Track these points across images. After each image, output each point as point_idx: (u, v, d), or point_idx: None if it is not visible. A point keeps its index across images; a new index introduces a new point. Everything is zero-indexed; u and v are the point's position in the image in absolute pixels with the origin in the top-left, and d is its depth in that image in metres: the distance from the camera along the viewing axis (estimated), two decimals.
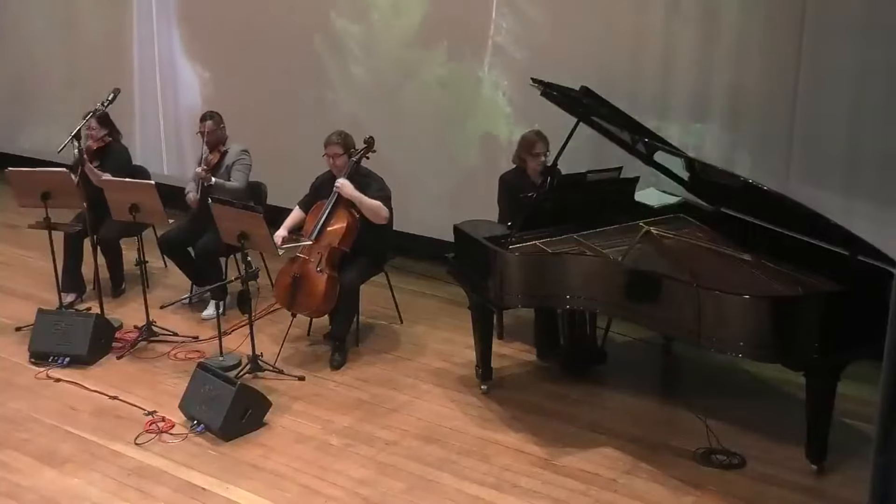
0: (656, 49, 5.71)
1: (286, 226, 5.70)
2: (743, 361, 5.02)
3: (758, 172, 5.25)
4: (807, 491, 4.20)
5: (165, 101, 8.18)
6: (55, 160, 6.30)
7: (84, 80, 8.46)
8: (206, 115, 6.16)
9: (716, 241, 4.83)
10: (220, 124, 6.15)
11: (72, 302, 6.31)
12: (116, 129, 6.40)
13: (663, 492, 4.23)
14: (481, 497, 4.24)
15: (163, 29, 8.02)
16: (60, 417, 4.99)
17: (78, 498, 4.31)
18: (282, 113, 7.41)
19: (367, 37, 6.91)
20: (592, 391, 5.15)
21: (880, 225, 4.84)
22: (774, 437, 4.58)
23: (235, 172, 6.06)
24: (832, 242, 4.32)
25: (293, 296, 5.49)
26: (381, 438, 4.74)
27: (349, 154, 5.58)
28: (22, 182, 5.88)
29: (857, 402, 4.60)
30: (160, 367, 5.53)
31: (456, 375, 5.37)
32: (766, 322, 4.07)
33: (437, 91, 6.67)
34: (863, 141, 5.11)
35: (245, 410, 4.78)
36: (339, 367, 5.48)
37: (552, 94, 5.07)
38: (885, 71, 4.95)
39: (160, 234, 6.32)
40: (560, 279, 4.59)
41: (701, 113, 5.63)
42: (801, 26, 5.18)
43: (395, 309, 6.09)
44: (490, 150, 6.48)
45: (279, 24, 7.31)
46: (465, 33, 6.45)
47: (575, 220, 5.01)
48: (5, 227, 7.93)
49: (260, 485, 4.36)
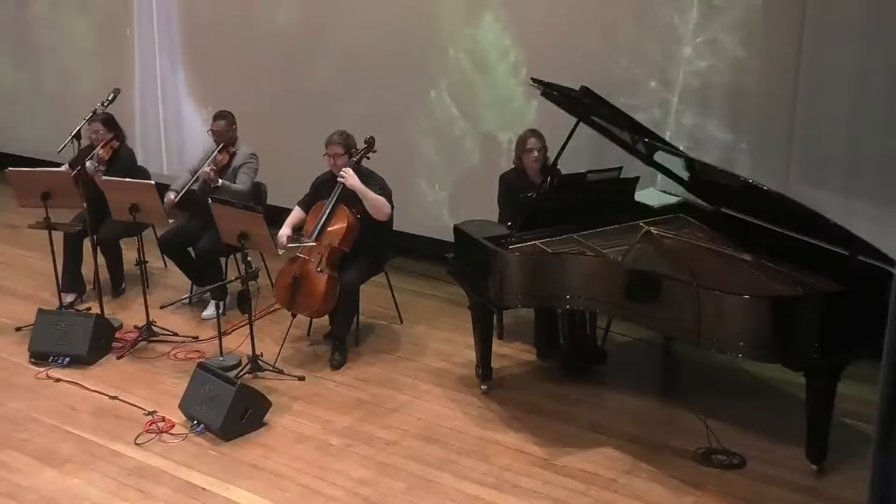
0: (656, 49, 5.71)
1: (289, 224, 5.68)
2: (743, 361, 5.02)
3: (758, 172, 5.26)
4: (807, 491, 4.20)
5: (166, 101, 8.18)
6: (55, 160, 6.30)
7: (85, 79, 8.47)
8: (218, 115, 6.15)
9: (716, 241, 4.83)
10: (233, 125, 6.14)
11: (72, 302, 6.31)
12: (121, 130, 6.40)
13: (663, 492, 4.23)
14: (481, 497, 4.24)
15: (163, 28, 8.02)
16: (60, 417, 4.99)
17: (78, 498, 4.31)
18: (282, 113, 7.41)
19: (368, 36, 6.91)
20: (592, 391, 5.15)
21: (880, 225, 4.84)
22: (774, 437, 4.58)
23: (242, 175, 6.06)
24: (832, 242, 4.32)
25: (293, 296, 5.49)
26: (381, 438, 4.74)
27: (350, 154, 5.58)
28: (22, 182, 5.88)
29: (857, 402, 4.60)
30: (160, 367, 5.53)
31: (456, 375, 5.37)
32: (766, 322, 4.07)
33: (438, 90, 6.67)
34: (863, 141, 5.10)
35: (245, 410, 4.78)
36: (339, 366, 5.48)
37: (552, 94, 5.07)
38: (885, 71, 4.95)
39: (160, 234, 6.32)
40: (560, 279, 4.59)
41: (701, 113, 5.63)
42: (801, 26, 5.17)
43: (395, 309, 6.09)
44: (490, 150, 6.49)
45: (280, 24, 7.32)
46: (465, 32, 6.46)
47: (575, 220, 5.01)
48: (5, 227, 7.94)
49: (260, 485, 4.37)
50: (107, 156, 6.22)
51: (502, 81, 6.36)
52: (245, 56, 7.55)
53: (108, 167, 6.17)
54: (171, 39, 8.01)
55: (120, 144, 6.34)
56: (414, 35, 6.69)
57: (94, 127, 6.20)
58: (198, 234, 6.10)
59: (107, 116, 6.25)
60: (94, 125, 6.20)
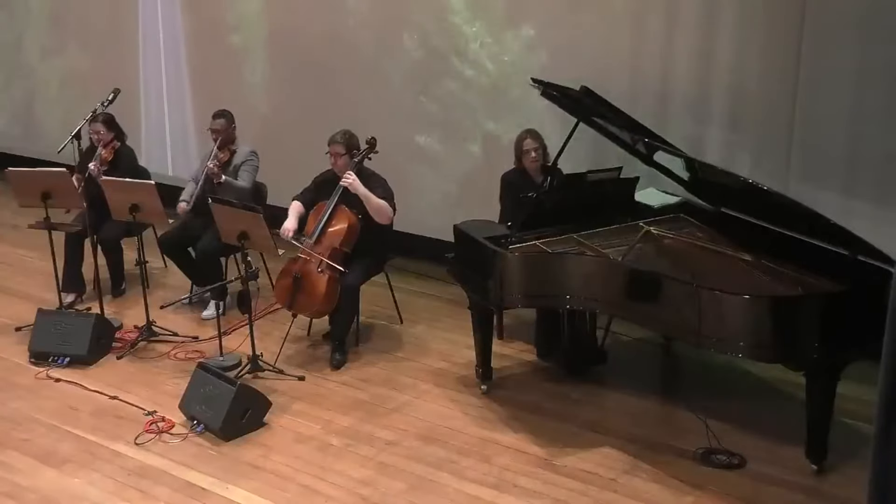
0: (656, 49, 5.71)
1: (294, 217, 5.60)
2: (743, 361, 5.02)
3: (758, 172, 5.25)
4: (807, 491, 4.20)
5: (171, 102, 8.18)
6: (55, 160, 6.30)
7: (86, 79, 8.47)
8: (218, 114, 6.16)
9: (716, 241, 4.83)
10: (232, 124, 6.16)
11: (72, 302, 6.31)
12: (122, 131, 6.40)
13: (663, 492, 4.23)
14: (481, 497, 4.24)
15: (168, 29, 8.02)
16: (60, 417, 4.99)
17: (78, 498, 4.31)
18: (284, 113, 7.41)
19: (369, 36, 6.91)
20: (592, 391, 5.15)
21: (880, 225, 4.84)
22: (774, 437, 4.58)
23: (243, 173, 6.07)
24: (832, 242, 4.32)
25: (293, 296, 5.49)
26: (381, 438, 4.74)
27: (351, 154, 5.58)
28: (22, 182, 5.88)
29: (857, 402, 4.60)
30: (160, 367, 5.53)
31: (456, 375, 5.37)
32: (766, 322, 4.07)
33: (438, 91, 6.67)
34: (863, 141, 5.10)
35: (245, 410, 4.78)
36: (339, 366, 5.48)
37: (552, 94, 5.07)
38: (885, 71, 4.95)
39: (160, 234, 6.32)
40: (560, 279, 4.60)
41: (701, 113, 5.63)
42: (801, 26, 5.18)
43: (395, 309, 6.09)
44: (490, 150, 6.48)
45: (280, 24, 7.32)
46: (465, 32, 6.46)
47: (575, 220, 5.01)
48: (5, 227, 7.94)
49: (260, 485, 4.37)
50: (109, 156, 6.23)
51: (503, 81, 6.36)
52: (248, 56, 7.54)
53: (109, 167, 6.17)
54: (175, 40, 8.00)
55: (121, 144, 6.34)
56: (414, 35, 6.69)
57: (95, 128, 6.20)
58: (198, 234, 6.10)
59: (107, 117, 6.25)
60: (94, 126, 6.20)
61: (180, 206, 6.09)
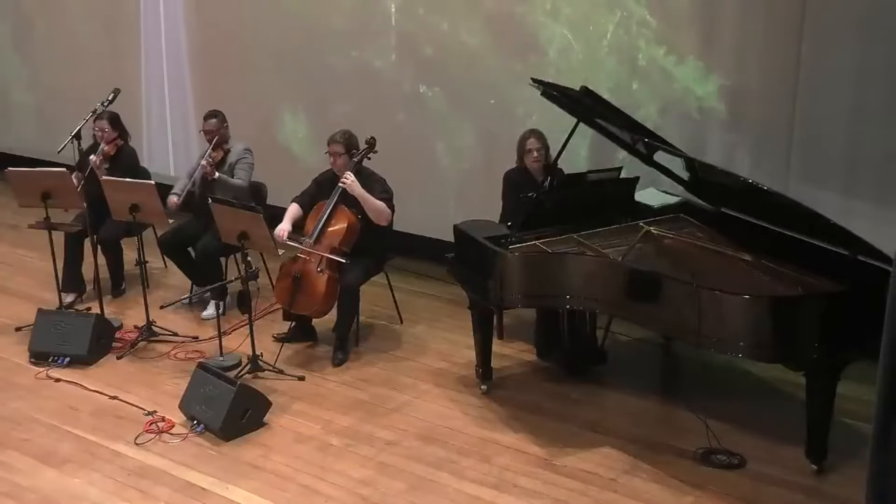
0: (656, 49, 5.70)
1: (288, 220, 5.62)
2: (743, 361, 5.02)
3: (758, 172, 5.26)
4: (807, 491, 4.20)
5: (172, 102, 8.18)
6: (55, 160, 6.30)
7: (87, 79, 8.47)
8: (209, 114, 6.17)
9: (716, 241, 4.83)
10: (224, 123, 6.16)
11: (72, 302, 6.31)
12: (126, 130, 6.40)
13: (663, 492, 4.23)
14: (481, 497, 4.24)
15: (170, 29, 8.01)
16: (60, 417, 4.99)
17: (78, 498, 4.31)
18: (284, 113, 7.41)
19: (370, 36, 6.91)
20: (592, 391, 5.15)
21: (880, 225, 4.84)
22: (774, 437, 4.58)
23: (239, 171, 6.07)
24: (832, 242, 4.32)
25: (293, 296, 5.49)
26: (381, 438, 4.74)
27: (350, 154, 5.58)
28: (22, 182, 5.88)
29: (857, 402, 4.60)
30: (160, 367, 5.53)
31: (456, 375, 5.37)
32: (766, 322, 4.07)
33: (438, 90, 6.67)
34: (862, 141, 5.11)
35: (245, 410, 4.78)
36: (341, 364, 5.49)
37: (552, 94, 5.07)
38: (885, 71, 4.95)
39: (160, 234, 6.32)
40: (560, 279, 4.59)
41: (701, 113, 5.63)
42: (801, 26, 5.18)
43: (395, 309, 6.09)
44: (490, 150, 6.48)
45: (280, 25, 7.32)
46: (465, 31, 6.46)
47: (575, 220, 5.01)
48: (5, 227, 7.94)
49: (260, 485, 4.37)
50: (112, 151, 6.22)
51: (504, 80, 6.36)
52: (249, 57, 7.54)
53: (111, 163, 6.17)
54: (177, 40, 8.00)
55: (124, 144, 6.35)
56: (414, 34, 6.69)
57: (100, 125, 6.21)
58: (198, 234, 6.10)
59: (113, 115, 6.26)
60: (99, 123, 6.20)
61: (171, 200, 6.00)
